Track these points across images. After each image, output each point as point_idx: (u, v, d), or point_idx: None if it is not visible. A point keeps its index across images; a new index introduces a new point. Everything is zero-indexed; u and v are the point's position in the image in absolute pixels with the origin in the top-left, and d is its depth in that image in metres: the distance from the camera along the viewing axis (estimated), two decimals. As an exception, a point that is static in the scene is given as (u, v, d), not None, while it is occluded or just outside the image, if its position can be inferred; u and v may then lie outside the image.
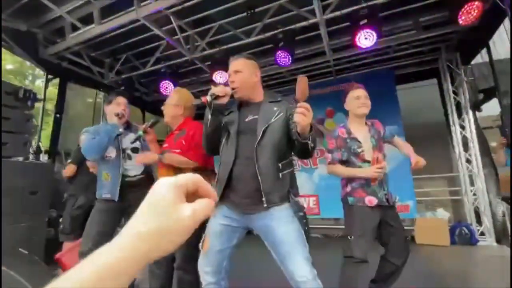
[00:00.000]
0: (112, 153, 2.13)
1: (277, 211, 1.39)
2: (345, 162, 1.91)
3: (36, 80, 9.29)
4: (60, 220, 3.12)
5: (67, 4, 3.33)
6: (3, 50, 3.90)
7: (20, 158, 2.89)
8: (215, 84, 1.49)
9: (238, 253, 1.53)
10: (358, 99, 1.92)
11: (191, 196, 0.36)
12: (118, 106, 2.17)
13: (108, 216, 2.08)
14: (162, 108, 2.07)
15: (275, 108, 1.48)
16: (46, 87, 4.26)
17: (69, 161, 3.31)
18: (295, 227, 1.38)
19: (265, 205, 1.38)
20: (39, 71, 6.74)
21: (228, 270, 1.52)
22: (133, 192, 2.12)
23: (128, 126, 2.29)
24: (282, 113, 1.47)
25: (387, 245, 1.86)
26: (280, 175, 1.43)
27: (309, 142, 1.31)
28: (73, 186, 3.20)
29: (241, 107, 1.60)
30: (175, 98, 2.06)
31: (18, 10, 3.35)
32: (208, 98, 1.42)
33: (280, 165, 1.44)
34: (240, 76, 1.52)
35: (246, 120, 1.52)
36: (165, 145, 2.00)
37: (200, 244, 1.47)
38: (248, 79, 1.53)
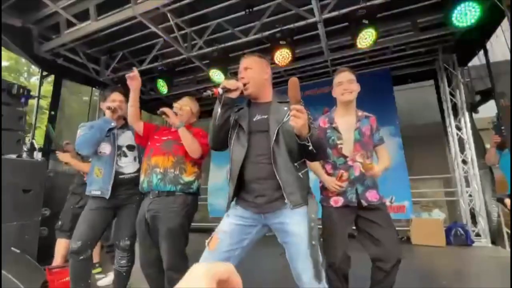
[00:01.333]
0: (106, 149, 2.10)
1: (297, 212, 1.37)
2: None
3: (32, 77, 9.20)
4: (60, 216, 2.95)
5: (62, 0, 3.28)
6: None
7: (13, 156, 2.85)
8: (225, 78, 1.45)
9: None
10: (340, 84, 1.78)
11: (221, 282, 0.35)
12: (113, 103, 2.15)
13: (97, 214, 2.04)
14: (177, 110, 2.00)
15: (285, 108, 1.44)
16: (40, 83, 4.21)
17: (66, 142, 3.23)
18: (308, 231, 1.34)
19: (290, 207, 1.35)
20: (34, 69, 6.67)
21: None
22: (126, 190, 2.10)
23: (126, 124, 2.26)
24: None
25: (370, 249, 1.70)
26: (300, 174, 1.42)
27: (308, 143, 1.28)
28: (77, 184, 3.06)
29: (249, 106, 1.58)
30: (195, 107, 2.11)
31: (13, 5, 3.30)
32: (220, 90, 1.38)
33: (296, 164, 1.42)
34: (250, 72, 1.51)
35: (254, 119, 1.50)
36: (167, 137, 1.99)
37: (207, 242, 1.44)
38: (258, 75, 1.52)
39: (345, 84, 1.75)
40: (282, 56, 3.81)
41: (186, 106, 2.07)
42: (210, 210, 5.73)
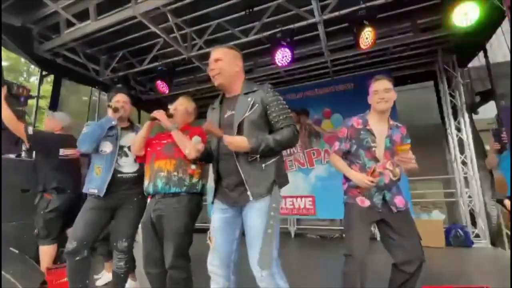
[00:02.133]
0: (107, 148, 2.10)
1: (258, 203, 1.40)
2: (352, 155, 1.80)
3: (31, 77, 9.18)
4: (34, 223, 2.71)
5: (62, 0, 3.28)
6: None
7: (12, 156, 2.85)
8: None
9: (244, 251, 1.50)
10: (376, 93, 1.76)
11: None
12: (116, 103, 2.17)
13: (95, 214, 2.04)
14: (173, 111, 2.00)
15: (249, 99, 1.47)
16: (40, 83, 4.20)
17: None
18: (267, 220, 1.36)
19: (251, 199, 1.40)
20: (34, 68, 6.66)
21: (237, 263, 1.52)
22: (124, 190, 2.11)
23: (131, 126, 2.29)
24: (257, 104, 1.45)
25: (395, 252, 1.71)
26: (263, 166, 1.43)
27: (257, 156, 1.41)
28: (41, 181, 2.70)
29: (222, 101, 1.61)
30: (190, 106, 2.09)
31: (13, 4, 3.29)
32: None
33: (258, 157, 1.44)
34: (219, 64, 1.51)
35: (226, 116, 1.53)
36: (166, 140, 1.98)
37: (208, 241, 1.52)
38: (227, 67, 1.51)
39: (381, 93, 1.74)
40: (282, 56, 3.80)
41: (181, 105, 2.05)
42: (210, 210, 5.73)
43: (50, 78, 4.36)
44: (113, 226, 2.19)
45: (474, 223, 4.27)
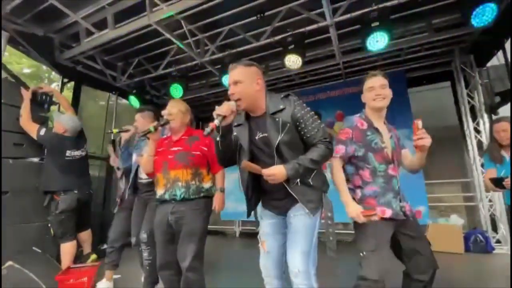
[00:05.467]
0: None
1: (312, 215, 1.44)
2: (359, 160, 1.62)
3: (52, 83, 9.58)
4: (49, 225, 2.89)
5: (82, 10, 3.43)
6: (20, 54, 4.06)
7: (36, 159, 2.98)
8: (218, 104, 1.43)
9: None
10: (371, 90, 1.64)
11: None
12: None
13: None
14: (168, 116, 1.99)
15: (277, 119, 1.42)
16: (61, 90, 4.39)
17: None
18: (306, 222, 1.43)
19: (307, 211, 1.42)
20: (54, 75, 6.95)
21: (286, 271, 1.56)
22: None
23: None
24: (288, 124, 1.41)
25: (409, 260, 1.61)
26: (310, 182, 1.45)
27: (297, 180, 1.41)
28: (49, 183, 2.84)
29: (248, 118, 1.55)
30: (183, 106, 2.09)
31: (36, 15, 3.48)
32: (216, 122, 1.33)
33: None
34: (240, 87, 1.43)
35: (257, 137, 1.49)
36: (177, 148, 1.99)
37: (260, 245, 1.57)
38: (247, 89, 1.43)
39: (377, 89, 1.63)
40: (294, 60, 3.82)
41: (173, 108, 2.03)
42: (221, 213, 5.76)
43: (70, 84, 4.56)
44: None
45: (495, 228, 4.11)
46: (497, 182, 2.11)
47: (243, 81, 1.43)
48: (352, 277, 1.62)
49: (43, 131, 2.77)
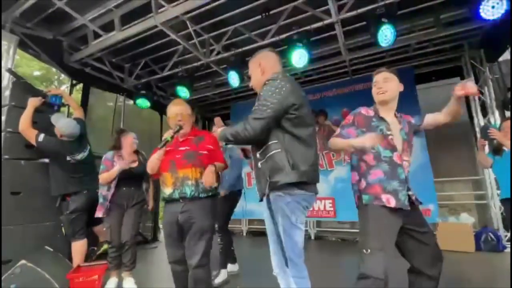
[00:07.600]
0: None
1: (264, 203, 1.43)
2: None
3: (62, 86, 9.76)
4: (61, 224, 3.00)
5: (89, 13, 3.49)
6: (30, 57, 4.15)
7: (46, 160, 3.04)
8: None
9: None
10: (375, 84, 1.69)
11: None
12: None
13: None
14: (179, 123, 1.98)
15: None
16: (71, 92, 4.48)
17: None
18: (270, 222, 1.39)
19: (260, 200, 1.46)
20: (64, 77, 7.07)
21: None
22: None
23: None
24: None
25: (416, 256, 1.55)
26: (259, 164, 1.41)
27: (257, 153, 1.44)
28: (57, 185, 2.90)
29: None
30: (189, 108, 2.12)
31: (44, 19, 3.55)
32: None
33: (257, 154, 1.43)
34: (252, 79, 1.66)
35: None
36: (184, 147, 2.01)
37: None
38: (258, 80, 1.60)
39: (380, 83, 1.66)
40: (299, 58, 3.80)
41: (182, 112, 2.03)
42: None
43: (79, 86, 4.63)
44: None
45: (506, 226, 4.02)
46: (483, 130, 2.55)
47: (252, 73, 1.67)
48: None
49: (41, 137, 2.75)
